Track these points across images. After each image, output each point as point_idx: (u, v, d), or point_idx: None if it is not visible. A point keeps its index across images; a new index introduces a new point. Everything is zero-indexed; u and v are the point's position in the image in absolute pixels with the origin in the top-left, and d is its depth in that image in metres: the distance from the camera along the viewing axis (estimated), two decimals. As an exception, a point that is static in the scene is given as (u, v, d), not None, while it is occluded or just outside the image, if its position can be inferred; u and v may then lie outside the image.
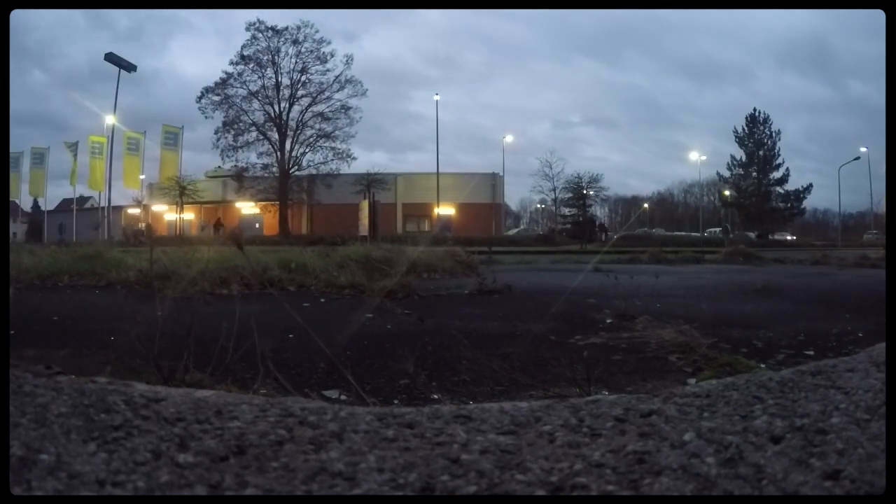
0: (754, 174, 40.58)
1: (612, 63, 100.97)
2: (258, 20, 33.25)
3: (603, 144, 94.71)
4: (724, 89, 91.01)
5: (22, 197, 34.71)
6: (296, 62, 33.77)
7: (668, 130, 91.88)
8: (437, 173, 35.59)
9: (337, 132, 34.14)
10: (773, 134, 40.65)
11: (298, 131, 34.18)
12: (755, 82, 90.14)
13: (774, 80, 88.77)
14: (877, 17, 1.52)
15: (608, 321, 3.04)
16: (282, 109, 33.88)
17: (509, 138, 41.17)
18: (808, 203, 42.23)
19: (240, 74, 33.59)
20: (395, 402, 1.71)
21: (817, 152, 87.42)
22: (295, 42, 33.56)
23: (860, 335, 2.74)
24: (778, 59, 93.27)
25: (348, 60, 33.93)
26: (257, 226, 36.32)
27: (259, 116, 33.87)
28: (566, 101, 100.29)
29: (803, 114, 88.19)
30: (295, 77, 33.86)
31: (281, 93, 33.84)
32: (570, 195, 38.72)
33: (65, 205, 37.70)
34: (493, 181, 39.17)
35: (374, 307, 3.54)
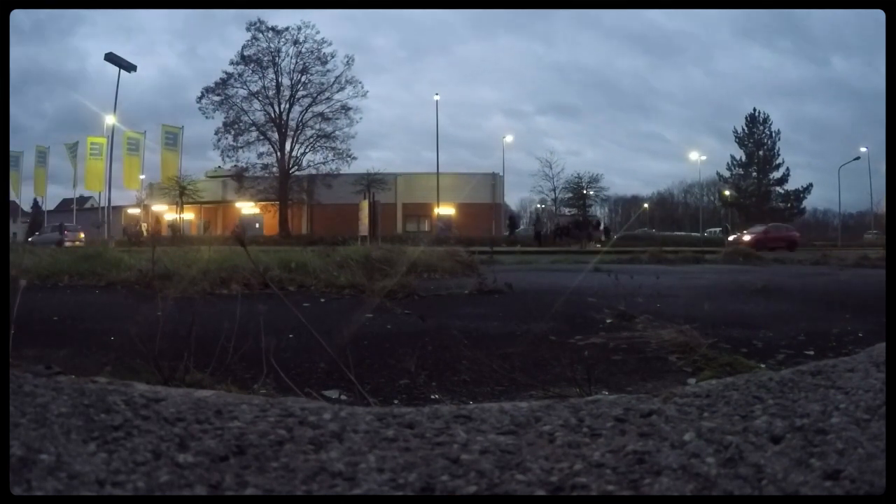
0: (754, 174, 40.64)
1: (546, 41, 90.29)
2: (259, 20, 33.33)
3: (570, 137, 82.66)
4: (684, 70, 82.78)
5: (22, 197, 34.80)
6: (296, 63, 33.86)
7: (637, 118, 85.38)
8: (437, 173, 35.61)
9: (337, 132, 34.23)
10: (773, 134, 40.76)
11: (298, 131, 34.27)
12: (716, 60, 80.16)
13: (738, 57, 79.55)
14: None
15: (608, 321, 3.04)
16: (282, 110, 33.96)
17: (509, 138, 41.23)
18: (808, 203, 42.19)
19: (240, 75, 33.69)
20: (395, 402, 1.71)
21: (806, 144, 79.27)
22: (295, 42, 33.65)
23: (860, 335, 2.74)
24: (735, 29, 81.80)
25: (349, 61, 34.02)
26: (257, 226, 36.35)
27: (259, 117, 33.96)
28: (510, 88, 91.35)
29: (782, 99, 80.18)
30: (295, 77, 33.95)
31: (281, 93, 33.91)
32: (570, 195, 38.88)
33: (65, 205, 37.74)
34: (493, 181, 39.21)
35: (375, 307, 3.54)
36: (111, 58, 29.87)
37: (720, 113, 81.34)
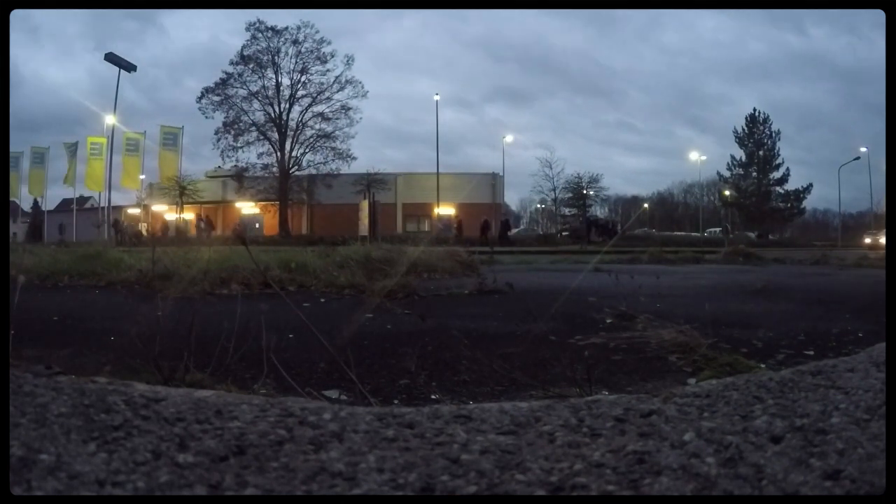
0: (754, 174, 40.65)
1: (456, 15, 79.08)
2: (258, 20, 33.33)
3: (532, 130, 74.09)
4: (634, 49, 73.38)
5: (22, 197, 34.78)
6: (296, 62, 33.85)
7: (599, 104, 77.08)
8: (437, 173, 35.62)
9: (337, 132, 34.22)
10: (773, 134, 40.77)
11: (298, 131, 34.26)
12: (665, 32, 70.91)
13: (692, 27, 69.95)
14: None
15: (608, 321, 3.04)
16: (282, 110, 33.95)
17: (509, 138, 41.27)
18: (808, 203, 42.01)
19: (240, 75, 33.67)
20: (395, 401, 1.71)
21: (792, 136, 73.16)
22: (295, 42, 33.64)
23: (860, 335, 2.74)
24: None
25: (349, 61, 34.01)
26: (257, 226, 36.35)
27: (259, 117, 33.96)
28: (443, 75, 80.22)
29: (753, 81, 71.70)
30: (295, 77, 33.95)
31: (281, 93, 33.90)
32: (570, 195, 38.96)
33: (65, 205, 37.72)
34: (493, 181, 39.22)
35: (375, 307, 3.54)
36: (111, 58, 29.85)
37: (687, 99, 74.43)
